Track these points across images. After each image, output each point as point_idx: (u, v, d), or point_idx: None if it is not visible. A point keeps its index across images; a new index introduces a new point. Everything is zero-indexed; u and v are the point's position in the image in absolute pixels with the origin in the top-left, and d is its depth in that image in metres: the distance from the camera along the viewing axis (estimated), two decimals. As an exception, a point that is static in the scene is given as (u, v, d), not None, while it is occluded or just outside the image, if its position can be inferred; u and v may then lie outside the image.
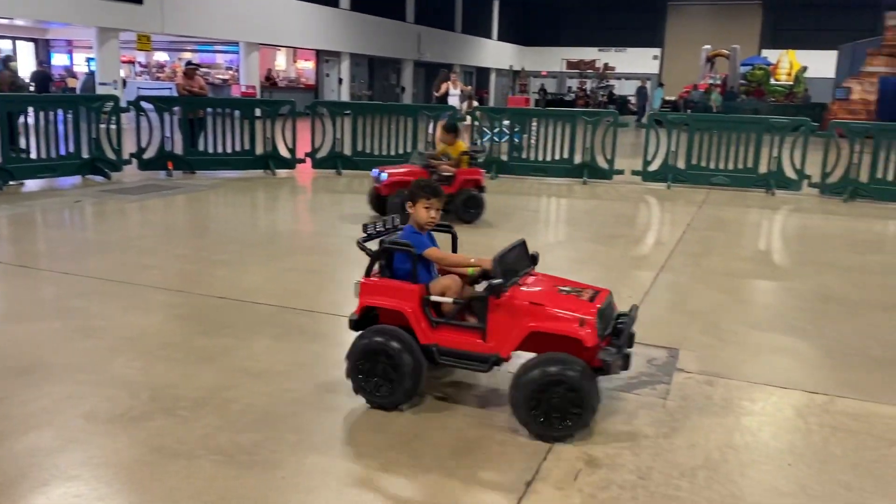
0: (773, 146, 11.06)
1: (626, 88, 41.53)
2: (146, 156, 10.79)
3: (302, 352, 4.12)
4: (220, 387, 3.60)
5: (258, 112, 11.76)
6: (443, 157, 8.21)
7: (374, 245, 3.61)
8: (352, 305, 3.58)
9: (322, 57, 30.06)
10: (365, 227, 3.67)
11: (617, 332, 3.36)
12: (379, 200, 8.10)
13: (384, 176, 7.91)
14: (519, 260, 3.49)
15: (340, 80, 30.52)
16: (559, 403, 3.07)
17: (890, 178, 10.50)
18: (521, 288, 3.32)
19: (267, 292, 5.20)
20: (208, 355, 4.01)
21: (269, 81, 27.98)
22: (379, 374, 3.33)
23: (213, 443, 3.06)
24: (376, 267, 3.54)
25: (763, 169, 11.19)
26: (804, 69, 30.61)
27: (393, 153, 12.03)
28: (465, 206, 7.88)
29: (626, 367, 3.30)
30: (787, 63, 31.03)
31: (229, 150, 11.36)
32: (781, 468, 3.04)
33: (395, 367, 3.29)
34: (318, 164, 11.86)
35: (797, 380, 3.94)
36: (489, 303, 3.26)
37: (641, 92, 32.55)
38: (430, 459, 2.99)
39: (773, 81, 30.17)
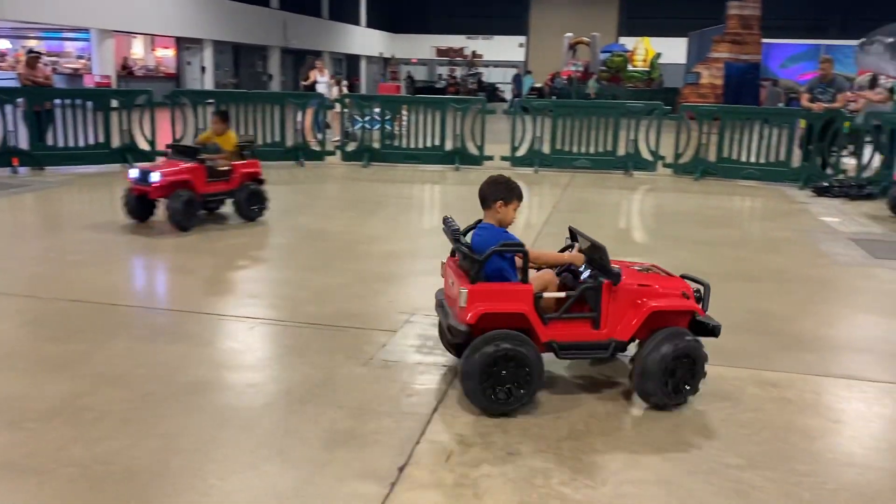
0: (630, 130, 11.62)
1: (494, 76, 42.35)
2: (-14, 152, 9.95)
3: (164, 353, 3.94)
4: (73, 395, 3.39)
5: (114, 103, 11.10)
6: (208, 145, 7.24)
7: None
8: (220, 301, 3.46)
9: (183, 44, 28.74)
10: (448, 222, 3.69)
11: None
12: (142, 206, 6.90)
13: (155, 177, 6.62)
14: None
15: (203, 69, 29.31)
16: (683, 373, 3.35)
17: (735, 156, 11.29)
18: None
19: (127, 293, 4.94)
20: (60, 363, 3.76)
21: (126, 70, 26.47)
22: (509, 381, 3.23)
23: (67, 455, 2.88)
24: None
25: (621, 152, 11.74)
26: (658, 55, 32.29)
27: (260, 142, 11.69)
28: (248, 203, 7.15)
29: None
30: (643, 50, 32.64)
31: (82, 144, 10.65)
32: (640, 433, 3.22)
33: (526, 371, 3.23)
34: (180, 156, 11.33)
35: (654, 349, 4.18)
36: (603, 291, 3.35)
37: (517, 79, 33.29)
38: (301, 454, 2.95)
39: (630, 68, 31.65)
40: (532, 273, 3.51)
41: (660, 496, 2.73)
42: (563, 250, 3.82)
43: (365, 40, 43.37)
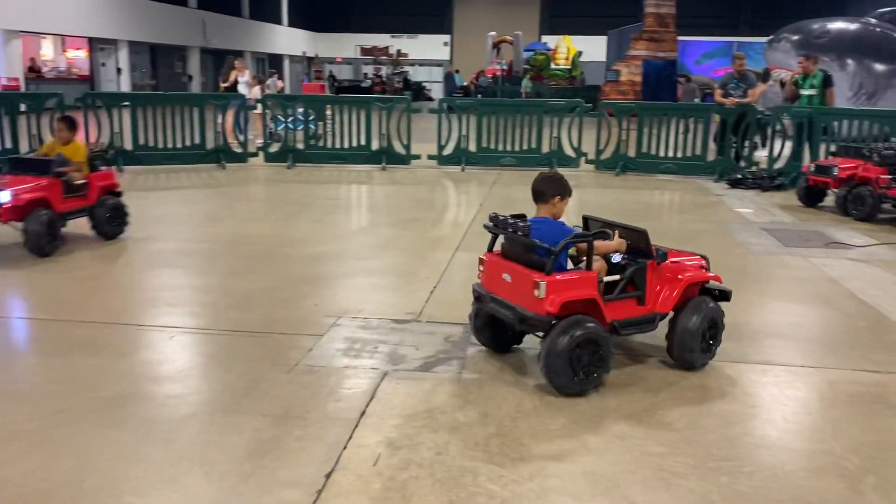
0: (554, 127, 11.81)
1: (420, 75, 42.42)
2: None
3: (78, 367, 3.78)
4: (-21, 416, 3.21)
5: (22, 107, 10.61)
6: (55, 158, 6.27)
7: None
8: (139, 311, 3.34)
9: (96, 45, 27.69)
10: (497, 217, 3.89)
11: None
12: None
13: (5, 196, 5.72)
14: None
15: (119, 70, 28.33)
16: (711, 335, 3.87)
17: (653, 151, 11.61)
18: None
19: (34, 305, 4.72)
20: (-36, 382, 3.56)
21: (35, 73, 25.32)
22: (587, 363, 3.49)
23: (-28, 480, 2.73)
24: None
25: (546, 149, 11.92)
26: (580, 53, 32.95)
27: (180, 145, 11.39)
28: (110, 219, 6.50)
29: None
30: (565, 48, 33.26)
31: (-13, 150, 10.14)
32: (566, 427, 3.26)
33: (601, 352, 3.53)
34: (95, 161, 10.91)
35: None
36: (648, 270, 3.76)
37: (450, 78, 33.40)
38: (224, 465, 2.88)
39: (553, 66, 32.20)
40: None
41: (585, 488, 2.78)
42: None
43: (287, 39, 42.78)
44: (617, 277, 3.78)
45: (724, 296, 4.03)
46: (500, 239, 3.95)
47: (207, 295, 5.12)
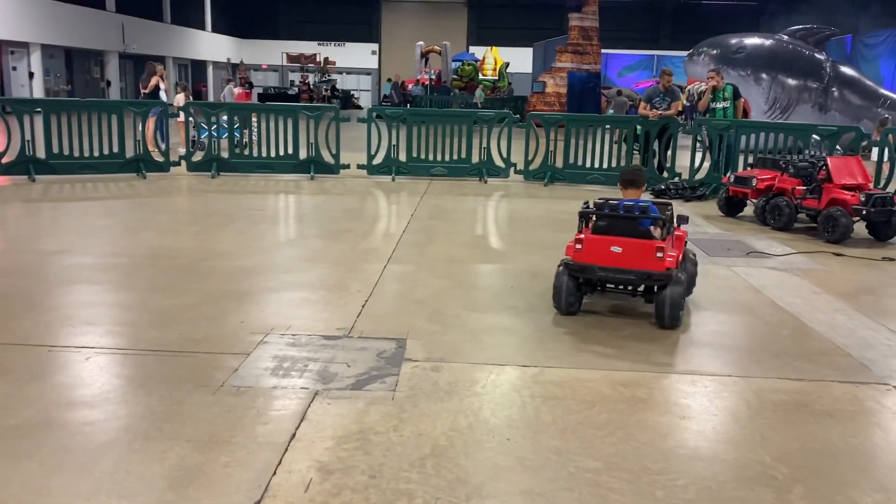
0: (483, 137, 11.86)
1: (348, 83, 42.15)
2: None
3: (-17, 394, 3.52)
4: None
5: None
6: None
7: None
8: (51, 331, 3.12)
9: (6, 48, 26.40)
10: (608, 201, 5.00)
11: None
12: None
13: None
14: None
15: (31, 75, 27.09)
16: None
17: (580, 162, 11.80)
18: None
19: (-64, 327, 4.39)
20: None
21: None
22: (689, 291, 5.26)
23: None
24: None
25: (475, 159, 11.97)
26: (507, 65, 33.41)
27: (97, 154, 10.92)
28: None
29: None
30: (492, 59, 33.65)
31: None
32: (502, 444, 3.22)
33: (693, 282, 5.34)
34: (5, 170, 10.38)
35: (511, 356, 4.23)
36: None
37: (397, 87, 33.25)
38: (145, 497, 2.71)
39: (480, 76, 32.50)
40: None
41: (523, 507, 2.73)
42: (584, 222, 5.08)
43: (212, 45, 41.85)
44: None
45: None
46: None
47: (126, 312, 4.87)
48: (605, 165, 11.74)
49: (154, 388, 3.64)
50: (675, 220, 5.06)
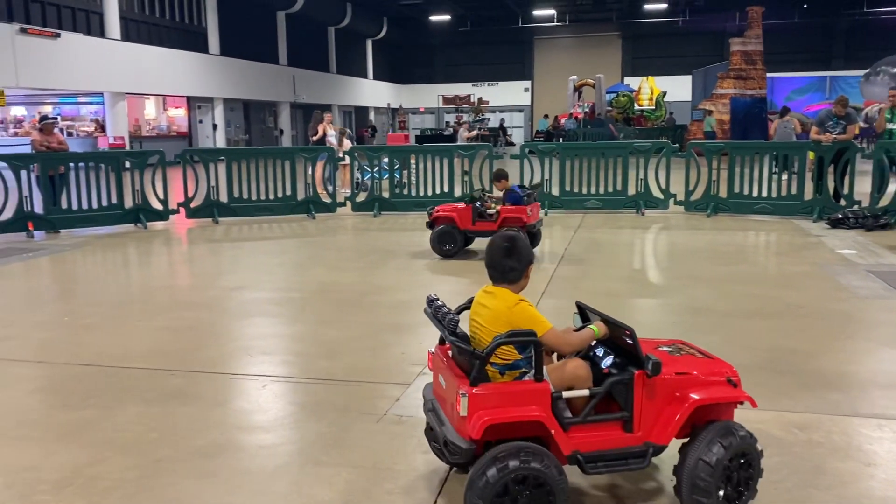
0: (640, 169, 11.62)
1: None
2: (3, 218, 10.07)
3: (176, 416, 3.89)
4: (84, 464, 3.33)
5: (126, 164, 11.27)
6: None
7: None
8: (232, 360, 3.41)
9: (194, 103, 29.30)
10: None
11: None
12: None
13: None
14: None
15: (215, 126, 29.81)
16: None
17: (746, 192, 11.24)
18: None
19: (138, 354, 4.90)
20: (71, 430, 3.71)
21: (139, 131, 26.95)
22: None
23: (77, 528, 2.82)
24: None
25: (632, 190, 11.73)
26: (664, 94, 32.57)
27: (272, 197, 11.82)
28: None
29: None
30: (648, 89, 32.95)
31: (95, 206, 10.78)
32: (667, 484, 3.10)
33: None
34: (192, 213, 11.46)
35: (674, 394, 4.08)
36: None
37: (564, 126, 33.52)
38: (315, 518, 2.87)
39: (636, 107, 31.90)
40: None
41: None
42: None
43: (373, 92, 44.09)
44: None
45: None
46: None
47: (298, 343, 5.21)
48: (773, 194, 11.11)
49: (323, 415, 3.86)
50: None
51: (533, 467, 2.56)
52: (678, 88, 35.71)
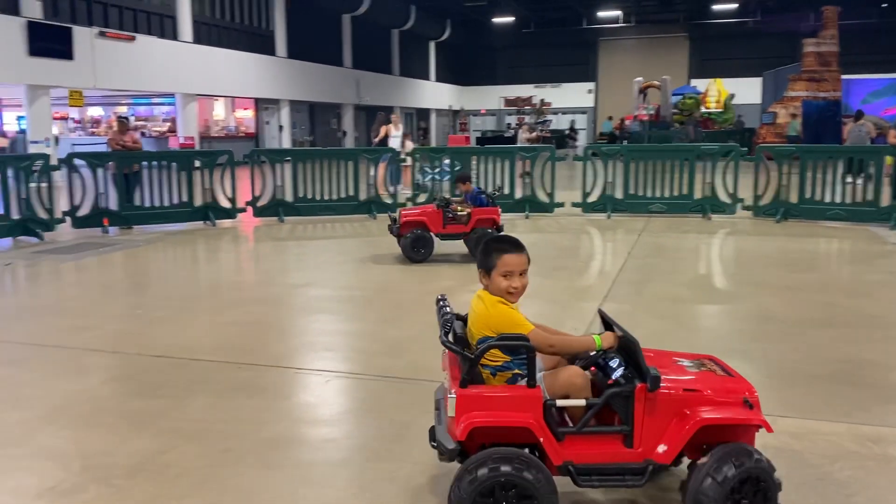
0: (706, 172, 11.38)
1: (563, 122, 42.44)
2: (80, 213, 10.51)
3: (243, 408, 3.99)
4: (156, 451, 3.45)
5: (197, 163, 11.62)
6: None
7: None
8: (297, 355, 3.49)
9: (261, 105, 29.99)
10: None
11: None
12: None
13: None
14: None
15: (281, 128, 30.45)
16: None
17: (818, 197, 10.88)
18: None
19: (207, 347, 5.05)
20: (144, 418, 3.85)
21: (208, 131, 27.74)
22: None
23: (149, 512, 2.93)
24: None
25: (698, 195, 11.49)
26: (732, 96, 31.79)
27: (335, 197, 12.01)
28: None
29: None
30: (716, 91, 32.21)
31: (167, 203, 11.15)
32: (730, 493, 3.03)
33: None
34: (259, 212, 11.73)
35: (741, 402, 3.98)
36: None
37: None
38: (377, 512, 2.91)
39: (703, 109, 31.22)
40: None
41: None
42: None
43: (435, 94, 44.32)
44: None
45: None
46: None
47: (360, 341, 5.29)
48: (847, 200, 10.72)
49: (384, 412, 3.90)
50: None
51: (519, 475, 2.50)
52: (747, 91, 34.82)
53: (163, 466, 3.30)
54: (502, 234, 4.42)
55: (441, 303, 3.03)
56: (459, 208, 8.24)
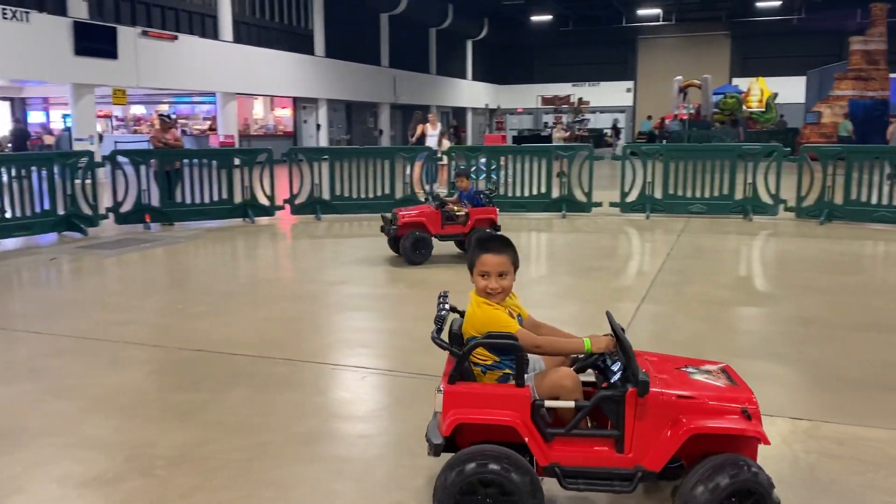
0: (748, 172, 11.19)
1: (602, 121, 42.13)
2: (123, 210, 10.74)
3: (280, 402, 4.04)
4: (196, 443, 3.51)
5: (236, 161, 11.79)
6: None
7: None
8: (333, 351, 3.52)
9: (299, 104, 30.28)
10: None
11: None
12: None
13: None
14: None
15: (318, 126, 30.71)
16: None
17: (864, 198, 10.63)
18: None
19: (245, 342, 5.12)
20: (184, 411, 3.92)
21: (248, 130, 28.11)
22: None
23: (190, 503, 2.98)
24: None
25: (739, 195, 11.31)
26: (775, 95, 31.18)
27: (371, 195, 12.08)
28: None
29: None
30: (758, 90, 31.64)
31: (207, 201, 11.33)
32: (769, 498, 2.98)
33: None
34: (297, 210, 11.85)
35: (781, 406, 3.91)
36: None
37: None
38: (411, 508, 2.92)
39: (745, 109, 30.68)
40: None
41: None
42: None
43: (471, 93, 44.30)
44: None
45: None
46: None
47: (396, 338, 5.31)
48: (895, 201, 10.45)
49: (419, 409, 3.90)
50: None
51: (502, 474, 2.50)
52: (791, 90, 34.14)
53: (202, 458, 3.36)
54: (497, 233, 4.29)
55: (441, 300, 3.04)
56: (456, 208, 8.16)
